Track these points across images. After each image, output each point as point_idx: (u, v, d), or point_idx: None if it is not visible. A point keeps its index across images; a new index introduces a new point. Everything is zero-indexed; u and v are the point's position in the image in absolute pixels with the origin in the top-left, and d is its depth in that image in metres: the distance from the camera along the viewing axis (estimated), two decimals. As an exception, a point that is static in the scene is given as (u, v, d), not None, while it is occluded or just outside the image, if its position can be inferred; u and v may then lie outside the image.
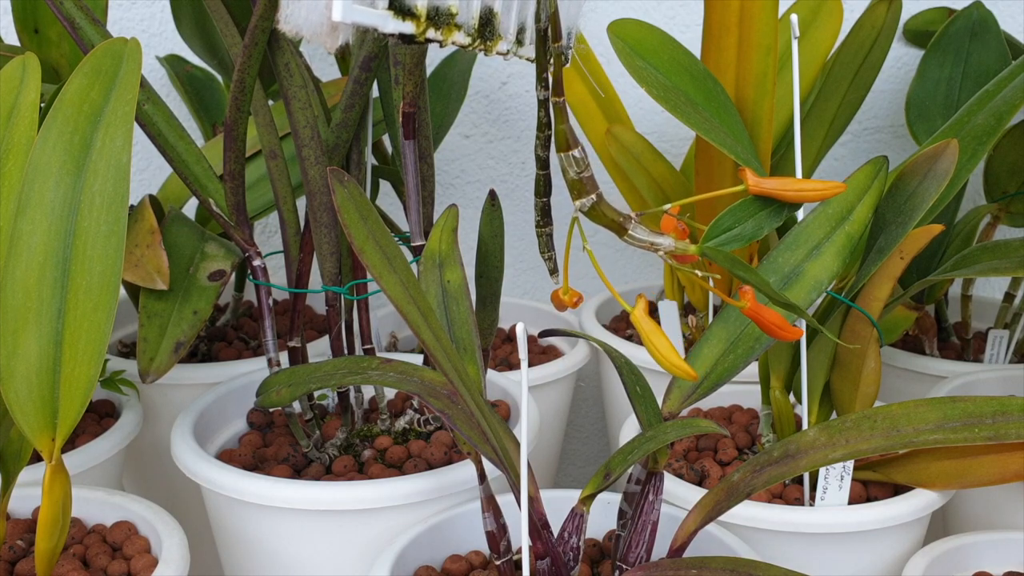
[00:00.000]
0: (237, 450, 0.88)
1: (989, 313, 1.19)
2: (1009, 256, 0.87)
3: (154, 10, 1.22)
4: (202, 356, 1.09)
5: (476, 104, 1.27)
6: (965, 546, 0.80)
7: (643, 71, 0.86)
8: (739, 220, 0.61)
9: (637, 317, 0.58)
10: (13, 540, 0.75)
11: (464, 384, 0.59)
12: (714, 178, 0.94)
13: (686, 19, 1.24)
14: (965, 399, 0.69)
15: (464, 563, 0.76)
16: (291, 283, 0.89)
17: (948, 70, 1.07)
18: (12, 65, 0.66)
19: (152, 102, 0.84)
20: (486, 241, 0.78)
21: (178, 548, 0.72)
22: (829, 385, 0.85)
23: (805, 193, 0.61)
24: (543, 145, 0.61)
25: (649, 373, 0.81)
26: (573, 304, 0.63)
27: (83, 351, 0.60)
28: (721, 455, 0.90)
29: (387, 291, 0.57)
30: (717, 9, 0.88)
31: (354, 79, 0.83)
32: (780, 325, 0.60)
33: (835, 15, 1.00)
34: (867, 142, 1.28)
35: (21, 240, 0.60)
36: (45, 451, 0.61)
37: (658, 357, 0.57)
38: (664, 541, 0.70)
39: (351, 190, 0.62)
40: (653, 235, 0.61)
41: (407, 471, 0.84)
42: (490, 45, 0.64)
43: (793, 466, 0.68)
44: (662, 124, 1.26)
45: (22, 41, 0.98)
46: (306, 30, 0.61)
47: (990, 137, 0.82)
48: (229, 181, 0.85)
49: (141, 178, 1.24)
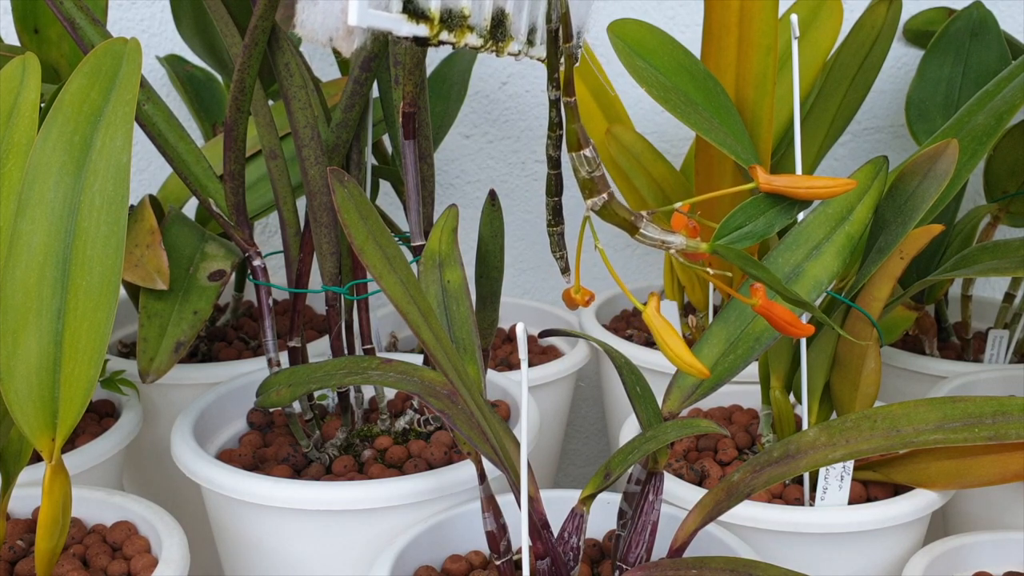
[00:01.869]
0: (237, 450, 0.88)
1: (989, 313, 1.19)
2: (1009, 256, 0.87)
3: (154, 10, 1.22)
4: (202, 356, 1.09)
5: (476, 104, 1.27)
6: (965, 546, 0.80)
7: (643, 71, 0.86)
8: (750, 217, 0.61)
9: (649, 314, 0.58)
10: (13, 540, 0.75)
11: (464, 384, 0.59)
12: (714, 178, 0.94)
13: (686, 19, 1.24)
14: (965, 399, 0.69)
15: (464, 563, 0.76)
16: (291, 283, 0.89)
17: (948, 70, 1.07)
18: (12, 65, 0.66)
19: (152, 102, 0.84)
20: (486, 241, 0.78)
21: (178, 548, 0.72)
22: (829, 385, 0.85)
23: (816, 190, 0.61)
24: (554, 145, 0.61)
25: (649, 373, 0.81)
26: (585, 303, 0.63)
27: (83, 351, 0.60)
28: (721, 455, 0.90)
29: (387, 291, 0.57)
30: (717, 9, 0.88)
31: (354, 79, 0.83)
32: (791, 322, 0.60)
33: (835, 15, 1.00)
34: (867, 142, 1.28)
35: (21, 240, 0.60)
36: (45, 451, 0.61)
37: (670, 354, 0.58)
38: (664, 541, 0.70)
39: (351, 190, 0.62)
40: (664, 233, 0.61)
41: (407, 471, 0.84)
42: (502, 46, 0.64)
43: (793, 466, 0.68)
44: (662, 124, 1.26)
45: (22, 41, 0.98)
46: (322, 34, 0.61)
47: (990, 137, 0.82)
48: (229, 181, 0.85)
49: (141, 178, 1.24)
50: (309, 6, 0.61)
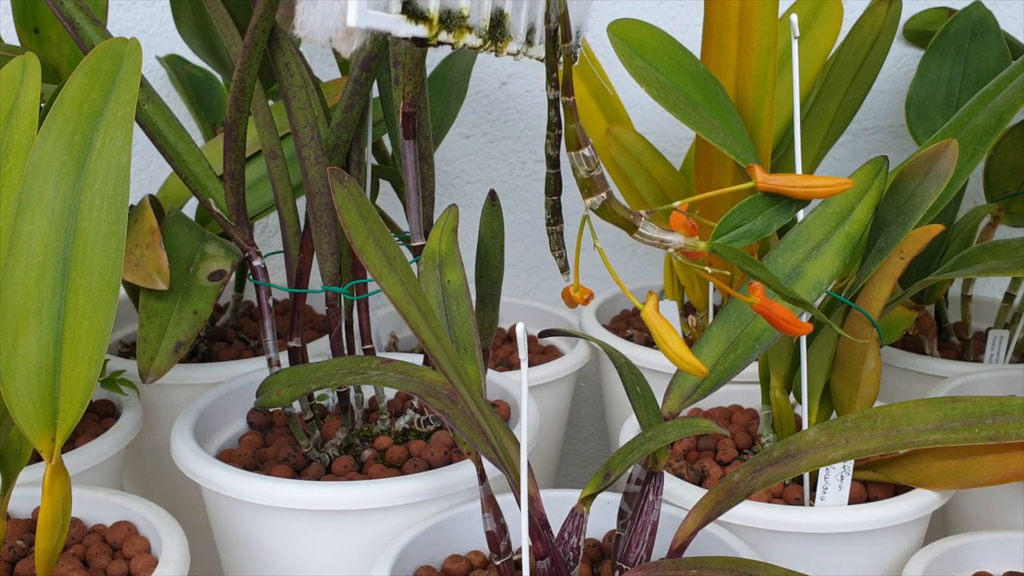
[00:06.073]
0: (237, 450, 0.88)
1: (989, 313, 1.19)
2: (1009, 256, 0.87)
3: (154, 10, 1.22)
4: (202, 356, 1.09)
5: (476, 104, 1.27)
6: (965, 546, 0.80)
7: (643, 71, 0.86)
8: (748, 217, 0.61)
9: (648, 313, 0.58)
10: (13, 540, 0.75)
11: (464, 384, 0.59)
12: (714, 178, 0.94)
13: (686, 19, 1.24)
14: (965, 399, 0.69)
15: (464, 563, 0.76)
16: (291, 283, 0.89)
17: (948, 70, 1.07)
18: (12, 65, 0.66)
19: (152, 102, 0.84)
20: (486, 241, 0.78)
21: (178, 548, 0.72)
22: (829, 385, 0.85)
23: (813, 189, 0.61)
24: (553, 144, 0.61)
25: (649, 373, 0.81)
26: (584, 301, 0.63)
27: (83, 351, 0.60)
28: (721, 455, 0.90)
29: (387, 291, 0.57)
30: (717, 9, 0.88)
31: (354, 79, 0.83)
32: (789, 320, 0.60)
33: (835, 15, 1.00)
34: (867, 142, 1.28)
35: (21, 240, 0.60)
36: (45, 451, 0.61)
37: (669, 353, 0.58)
38: (664, 541, 0.70)
39: (351, 190, 0.62)
40: (663, 232, 0.61)
41: (407, 471, 0.84)
42: (501, 46, 0.64)
43: (793, 466, 0.68)
44: (662, 124, 1.26)
45: (22, 41, 0.98)
46: (321, 35, 0.61)
47: (990, 137, 0.82)
48: (229, 181, 0.85)
49: (141, 178, 1.24)
50: (309, 7, 0.61)
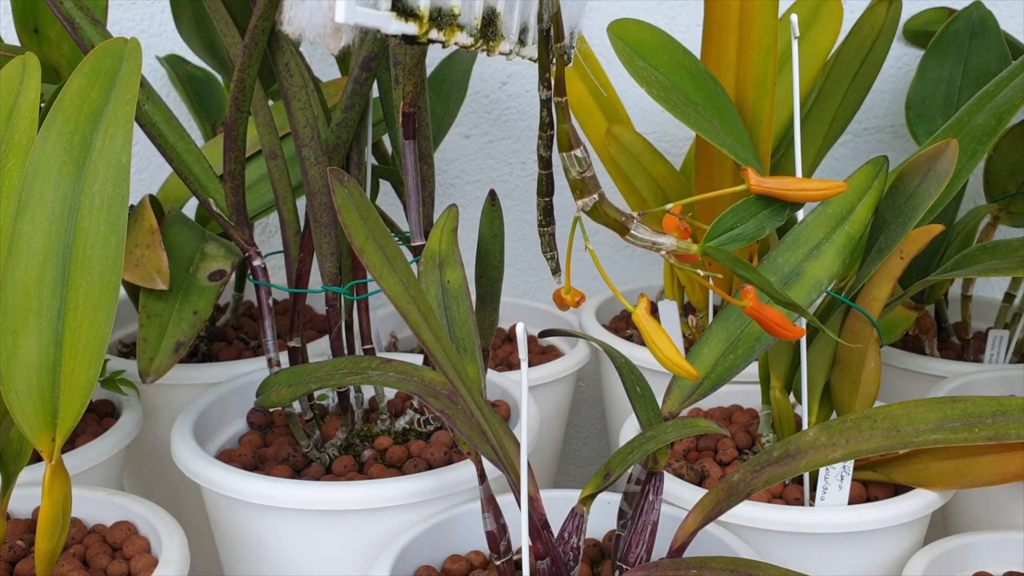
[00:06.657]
0: (237, 450, 0.88)
1: (989, 313, 1.19)
2: (1009, 256, 0.87)
3: (154, 10, 1.22)
4: (202, 356, 1.09)
5: (476, 104, 1.27)
6: (965, 546, 0.80)
7: (643, 71, 0.86)
8: (741, 219, 0.61)
9: (639, 316, 0.58)
10: (13, 540, 0.75)
11: (464, 384, 0.59)
12: (714, 178, 0.94)
13: (686, 19, 1.24)
14: (965, 399, 0.69)
15: (464, 563, 0.76)
16: (291, 283, 0.89)
17: (948, 70, 1.07)
18: (12, 65, 0.66)
19: (152, 102, 0.84)
20: (486, 241, 0.78)
21: (178, 548, 0.72)
22: (829, 385, 0.85)
23: (807, 192, 0.61)
24: (545, 145, 0.61)
25: (649, 373, 0.81)
26: (575, 303, 0.63)
27: (83, 351, 0.60)
28: (721, 455, 0.90)
29: (387, 291, 0.57)
30: (717, 9, 0.88)
31: (354, 79, 0.83)
32: (782, 324, 0.60)
33: (835, 15, 1.00)
34: (867, 142, 1.28)
35: (21, 240, 0.60)
36: (45, 451, 0.61)
37: (660, 356, 0.58)
38: (664, 541, 0.70)
39: (351, 190, 0.62)
40: (655, 234, 0.61)
41: (407, 471, 0.84)
42: (492, 45, 0.64)
43: (793, 466, 0.68)
44: (662, 124, 1.26)
45: (22, 41, 0.98)
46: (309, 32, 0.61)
47: (990, 137, 0.82)
48: (229, 181, 0.85)
49: (141, 178, 1.24)
50: (296, 3, 0.61)
